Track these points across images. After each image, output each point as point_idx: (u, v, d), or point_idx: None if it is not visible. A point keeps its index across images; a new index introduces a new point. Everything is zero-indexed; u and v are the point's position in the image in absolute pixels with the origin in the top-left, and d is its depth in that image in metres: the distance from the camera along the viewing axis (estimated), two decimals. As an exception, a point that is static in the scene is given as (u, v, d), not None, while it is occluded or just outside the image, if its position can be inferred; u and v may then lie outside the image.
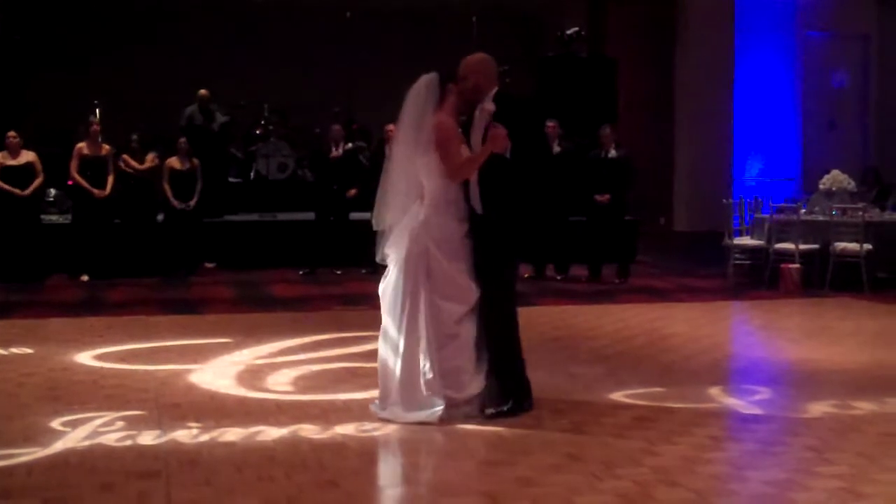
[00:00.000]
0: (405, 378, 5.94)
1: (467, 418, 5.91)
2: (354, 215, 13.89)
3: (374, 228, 6.20)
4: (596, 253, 12.98)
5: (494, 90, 6.20)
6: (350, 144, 13.80)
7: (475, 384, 6.01)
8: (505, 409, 6.00)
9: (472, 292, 5.97)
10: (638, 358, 8.01)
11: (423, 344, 5.93)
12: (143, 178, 13.32)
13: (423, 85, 6.19)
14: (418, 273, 5.95)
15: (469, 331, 5.99)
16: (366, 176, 12.35)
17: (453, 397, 5.93)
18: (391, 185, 6.16)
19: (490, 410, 5.98)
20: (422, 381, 5.93)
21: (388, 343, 6.03)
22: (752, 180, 18.03)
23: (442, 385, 5.90)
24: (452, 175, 5.99)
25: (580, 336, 9.03)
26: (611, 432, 5.73)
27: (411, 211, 6.04)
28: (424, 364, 5.92)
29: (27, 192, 12.49)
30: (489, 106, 6.13)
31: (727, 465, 5.29)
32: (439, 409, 5.87)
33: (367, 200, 6.52)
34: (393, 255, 6.06)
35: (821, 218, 12.51)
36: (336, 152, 13.50)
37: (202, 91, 14.92)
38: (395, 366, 5.97)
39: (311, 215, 13.73)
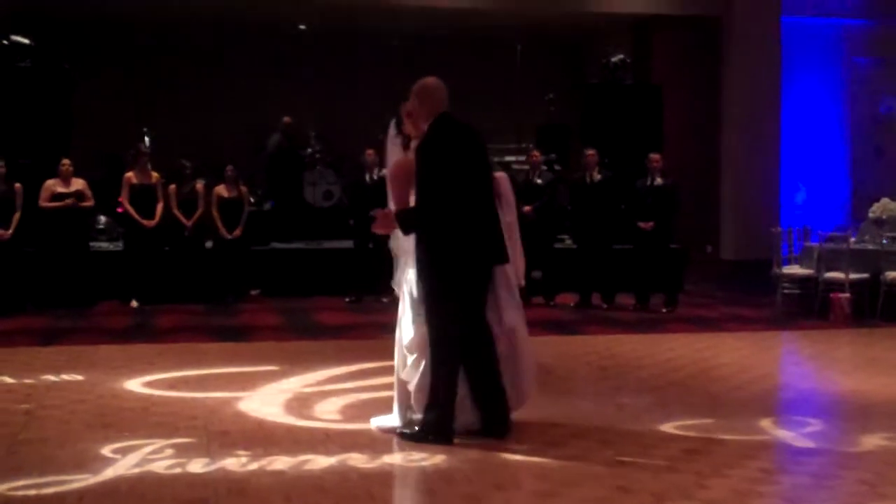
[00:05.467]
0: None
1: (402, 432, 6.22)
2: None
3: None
4: (643, 281, 12.90)
5: (437, 115, 6.16)
6: (385, 171, 13.75)
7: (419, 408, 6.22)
8: (399, 427, 6.27)
9: (414, 323, 6.22)
10: (687, 388, 7.95)
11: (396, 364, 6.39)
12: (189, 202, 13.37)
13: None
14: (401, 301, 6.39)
15: (420, 357, 6.18)
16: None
17: (413, 414, 6.27)
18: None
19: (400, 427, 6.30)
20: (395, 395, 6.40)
21: None
22: (800, 208, 17.88)
23: (402, 402, 6.30)
24: None
25: (628, 366, 8.97)
26: (660, 464, 5.69)
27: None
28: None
29: (70, 202, 12.64)
30: (413, 146, 6.23)
31: (779, 499, 5.22)
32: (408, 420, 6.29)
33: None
34: None
35: (871, 247, 12.37)
36: (371, 179, 13.49)
37: (286, 118, 15.32)
38: None
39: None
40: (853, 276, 11.99)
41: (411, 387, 6.24)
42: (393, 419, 6.40)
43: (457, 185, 6.07)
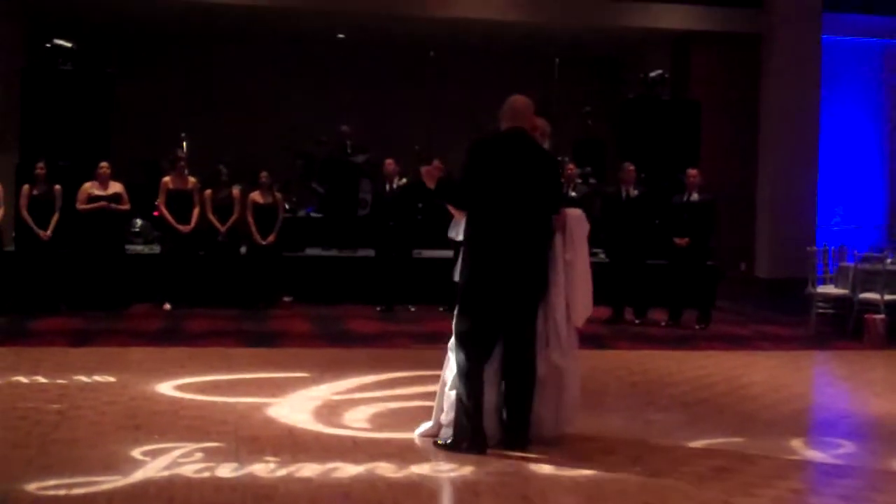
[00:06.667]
0: None
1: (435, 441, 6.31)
2: (427, 253, 13.96)
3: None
4: (676, 297, 12.84)
5: (511, 128, 6.30)
6: (404, 180, 13.78)
7: (449, 411, 6.29)
8: (437, 439, 6.29)
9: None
10: (718, 406, 7.90)
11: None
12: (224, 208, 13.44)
13: None
14: None
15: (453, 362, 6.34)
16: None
17: (443, 415, 6.36)
18: None
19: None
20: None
21: None
22: (836, 227, 17.75)
23: (438, 404, 6.40)
24: None
25: (658, 382, 8.93)
26: (689, 482, 5.65)
27: None
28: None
29: (100, 205, 12.75)
30: None
31: (809, 521, 5.19)
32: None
33: (435, 237, 6.75)
34: None
35: (907, 268, 12.24)
36: (391, 188, 13.54)
37: (344, 127, 15.59)
38: None
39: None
40: (888, 297, 11.87)
41: (447, 387, 6.34)
42: (428, 423, 6.47)
43: (482, 186, 6.17)
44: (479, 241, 6.20)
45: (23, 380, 8.13)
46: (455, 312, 6.30)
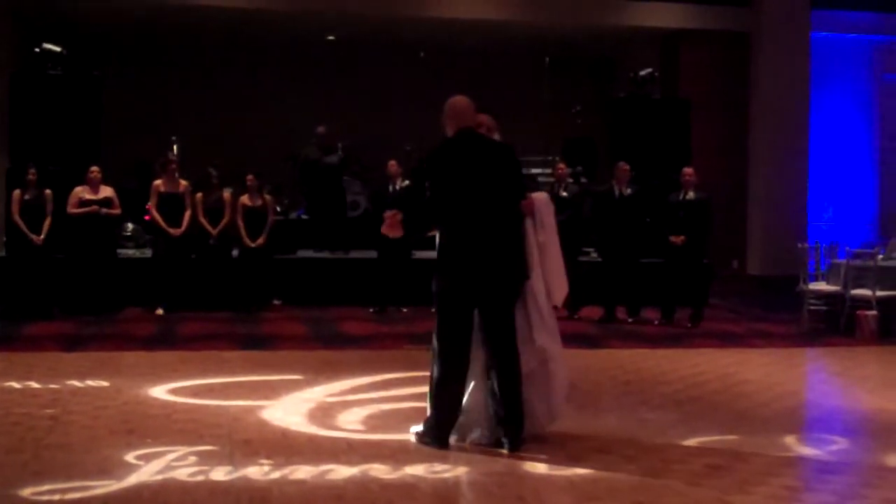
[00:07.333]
0: None
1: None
2: (422, 254, 13.95)
3: None
4: (669, 296, 12.85)
5: (459, 129, 6.33)
6: (407, 182, 13.76)
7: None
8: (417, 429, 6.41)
9: None
10: (711, 404, 7.90)
11: None
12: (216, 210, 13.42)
13: None
14: None
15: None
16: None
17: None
18: None
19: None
20: None
21: None
22: (827, 224, 17.78)
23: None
24: None
25: (652, 380, 8.93)
26: (683, 480, 5.66)
27: None
28: None
29: (95, 208, 12.75)
30: None
31: (803, 517, 5.19)
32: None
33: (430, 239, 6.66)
34: None
35: (898, 264, 12.26)
36: (394, 189, 13.53)
37: (320, 128, 15.37)
38: None
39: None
40: (880, 293, 11.89)
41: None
42: (422, 425, 6.50)
43: (446, 195, 6.18)
44: (455, 244, 6.18)
45: (15, 385, 8.11)
46: (436, 312, 6.28)
